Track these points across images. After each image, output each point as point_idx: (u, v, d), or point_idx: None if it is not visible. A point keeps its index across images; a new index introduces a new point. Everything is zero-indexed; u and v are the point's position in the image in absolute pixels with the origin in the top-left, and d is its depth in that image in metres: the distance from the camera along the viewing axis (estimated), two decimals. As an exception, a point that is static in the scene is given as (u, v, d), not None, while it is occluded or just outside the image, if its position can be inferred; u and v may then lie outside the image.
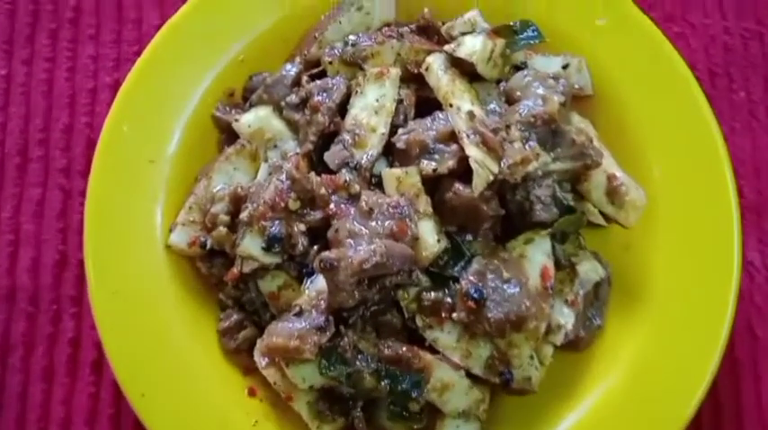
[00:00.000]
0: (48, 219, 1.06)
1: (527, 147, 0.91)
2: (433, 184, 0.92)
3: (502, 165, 0.89)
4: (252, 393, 0.94)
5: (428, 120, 0.93)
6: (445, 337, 0.90)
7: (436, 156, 0.91)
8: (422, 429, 0.92)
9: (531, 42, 0.99)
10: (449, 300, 0.90)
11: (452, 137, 0.91)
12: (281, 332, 0.85)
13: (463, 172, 0.89)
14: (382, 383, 0.87)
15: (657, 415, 0.92)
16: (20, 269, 1.05)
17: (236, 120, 0.98)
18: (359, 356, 0.87)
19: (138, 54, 1.10)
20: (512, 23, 0.99)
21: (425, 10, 1.02)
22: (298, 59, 1.00)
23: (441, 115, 0.93)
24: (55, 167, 1.08)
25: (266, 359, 0.88)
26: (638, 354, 0.95)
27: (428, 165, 0.90)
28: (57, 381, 1.00)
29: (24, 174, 1.08)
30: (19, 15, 1.14)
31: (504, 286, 0.88)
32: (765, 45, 1.16)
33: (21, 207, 1.07)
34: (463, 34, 0.99)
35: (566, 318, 0.93)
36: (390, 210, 0.88)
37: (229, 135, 1.00)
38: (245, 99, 1.02)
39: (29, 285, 1.04)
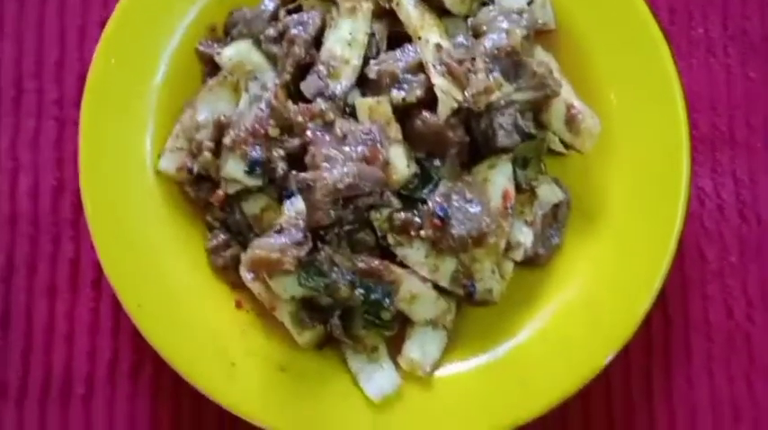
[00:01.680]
0: (43, 149, 1.13)
1: (491, 77, 0.98)
2: (403, 113, 0.99)
3: (466, 94, 0.96)
4: (239, 305, 1.03)
5: (398, 52, 1.00)
6: (414, 253, 0.99)
7: (405, 86, 0.98)
8: (393, 336, 1.02)
9: (498, -20, 1.06)
10: (417, 219, 0.99)
11: (421, 68, 0.98)
12: (264, 246, 0.93)
13: (431, 101, 0.97)
14: (356, 293, 0.97)
15: (609, 323, 1.02)
16: (20, 195, 1.12)
17: (218, 54, 1.04)
18: (335, 269, 0.96)
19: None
20: (479, -40, 1.05)
21: (396, -54, 1.08)
22: (276, -5, 1.07)
23: (410, 47, 1.00)
24: (49, 99, 1.15)
25: (251, 274, 0.97)
26: (593, 269, 1.05)
27: (398, 95, 0.98)
28: (59, 298, 1.10)
29: (19, 106, 1.15)
30: (7, -47, 1.19)
31: (467, 206, 0.97)
32: (725, -19, 1.22)
33: (18, 137, 1.14)
34: (433, -29, 1.05)
35: (525, 236, 1.02)
36: (363, 136, 0.96)
37: (212, 67, 1.07)
38: (227, 33, 1.08)
39: (29, 210, 1.12)
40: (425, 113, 0.97)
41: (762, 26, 1.21)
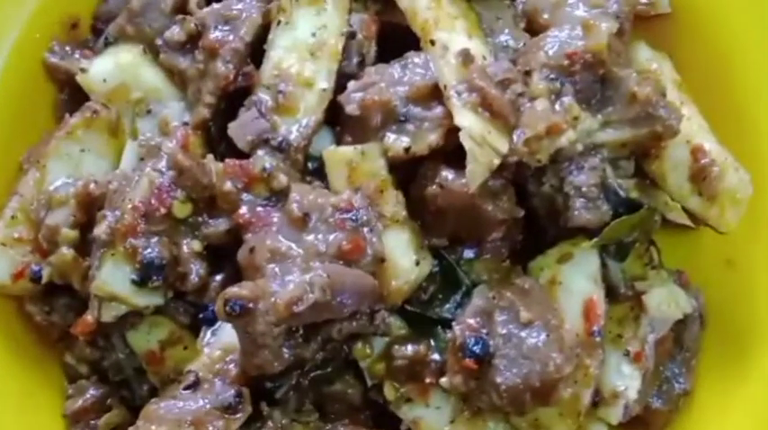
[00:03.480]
0: None
1: (558, 106, 1.05)
2: (406, 172, 1.07)
3: (515, 139, 1.04)
4: None
5: (396, 69, 1.07)
6: (432, 416, 1.06)
7: (410, 127, 1.06)
8: None
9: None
10: (436, 356, 1.06)
11: (436, 94, 1.06)
12: (165, 417, 0.99)
13: (453, 151, 1.04)
14: (329, 499, 1.04)
15: None
16: None
17: (83, 71, 1.12)
18: (291, 453, 1.04)
19: None
20: None
21: None
22: (182, -33, 1.16)
23: (417, 59, 1.08)
24: None
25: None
26: (749, 433, 1.13)
27: (398, 142, 1.05)
28: None
29: None
30: None
31: (522, 333, 1.04)
32: None
33: None
34: None
35: (626, 380, 1.09)
36: (338, 215, 1.03)
37: (72, 94, 1.15)
38: (97, 33, 1.17)
39: None
40: (446, 173, 1.05)
41: None
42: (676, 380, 1.16)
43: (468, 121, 1.03)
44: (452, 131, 1.04)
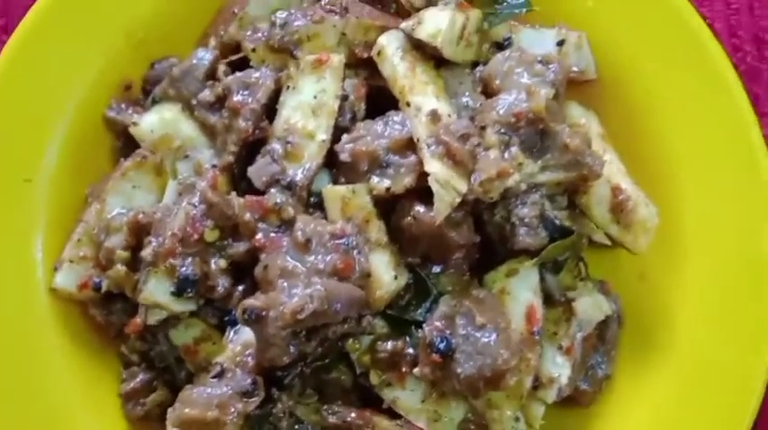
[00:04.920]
0: None
1: (506, 155, 1.05)
2: (387, 206, 1.07)
3: (473, 181, 1.03)
4: (164, 472, 1.10)
5: (380, 124, 1.08)
6: (407, 397, 1.06)
7: (390, 171, 1.06)
8: None
9: (517, 12, 1.14)
10: (410, 350, 1.06)
11: (411, 146, 1.06)
12: (197, 400, 1.00)
13: (424, 190, 1.04)
14: (327, 461, 1.04)
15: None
16: None
17: (135, 124, 1.12)
18: (297, 427, 1.03)
19: (5, 31, 1.25)
20: (491, -12, 1.14)
21: (377, -29, 1.17)
22: (212, 43, 1.15)
23: (396, 117, 1.08)
24: None
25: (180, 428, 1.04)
26: (656, 410, 1.12)
27: (381, 183, 1.05)
28: None
29: None
30: None
31: (478, 334, 1.04)
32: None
33: None
34: (428, 3, 1.14)
35: (559, 368, 1.09)
36: (333, 240, 1.03)
37: (126, 142, 1.14)
38: (146, 93, 1.16)
39: None
40: (418, 208, 1.05)
41: None
42: (599, 367, 1.15)
43: (435, 168, 1.03)
44: (423, 175, 1.04)
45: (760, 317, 1.11)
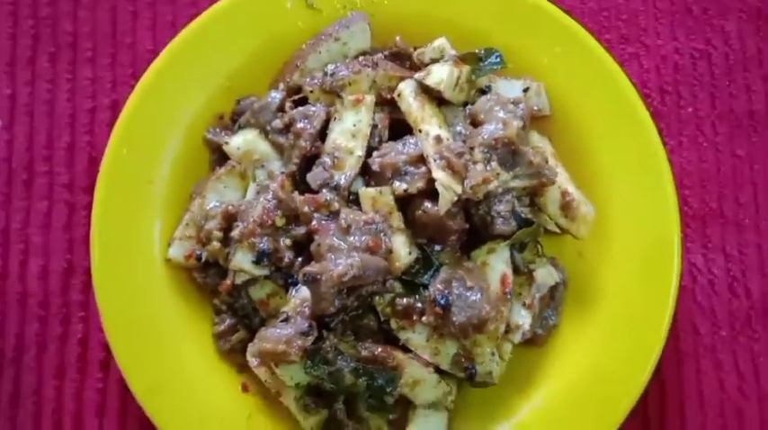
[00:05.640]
0: (54, 231, 1.17)
1: (488, 167, 1.02)
2: (405, 202, 1.03)
3: (465, 185, 1.00)
4: (245, 389, 1.06)
5: (400, 145, 1.04)
6: (416, 338, 1.02)
7: (407, 178, 1.02)
8: (396, 418, 1.05)
9: (495, 68, 1.10)
10: (419, 305, 1.02)
11: (422, 160, 1.02)
12: (270, 338, 0.96)
13: (431, 191, 1.01)
14: (360, 380, 1.00)
15: (607, 400, 1.05)
16: (30, 276, 1.15)
17: (227, 143, 1.08)
18: (339, 357, 0.99)
19: (133, 77, 1.21)
20: (477, 51, 1.09)
21: (397, 38, 1.12)
22: (281, 86, 1.11)
23: (411, 140, 1.04)
24: (59, 182, 1.18)
25: (257, 360, 1.00)
26: (590, 347, 1.08)
27: (400, 186, 1.02)
28: (68, 378, 1.12)
29: (31, 189, 1.18)
30: (19, 38, 1.23)
31: (468, 293, 1.01)
32: (713, 64, 1.26)
33: (29, 219, 1.17)
34: (433, 61, 1.10)
35: (523, 318, 1.06)
36: (366, 226, 1.00)
37: (220, 156, 1.11)
38: (234, 121, 1.12)
39: (39, 291, 1.15)
40: (427, 203, 1.01)
41: (748, 103, 1.26)
42: (550, 318, 1.11)
43: (440, 176, 0.99)
44: (431, 181, 1.00)
45: (665, 279, 1.07)
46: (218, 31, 1.11)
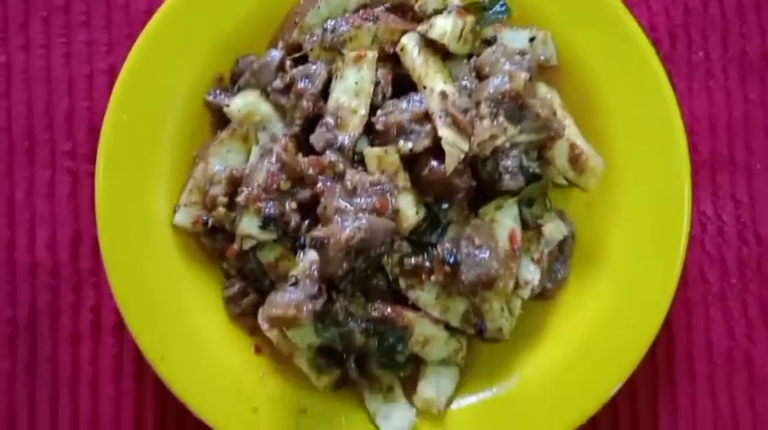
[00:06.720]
0: (59, 199, 1.15)
1: (495, 122, 0.98)
2: (410, 161, 1.01)
3: (472, 142, 0.97)
4: (258, 350, 1.06)
5: (404, 102, 1.00)
6: (425, 296, 1.01)
7: (412, 136, 0.99)
8: (408, 376, 1.05)
9: (500, 17, 1.05)
10: (428, 263, 1.01)
11: (427, 117, 0.99)
12: (280, 303, 0.95)
13: (437, 149, 0.98)
14: (371, 340, 0.99)
15: (617, 353, 1.05)
16: (38, 246, 1.14)
17: (227, 106, 1.05)
18: (349, 318, 0.98)
19: (129, 38, 1.17)
20: (481, 0, 1.05)
21: (399, -12, 1.08)
22: (280, 44, 1.07)
23: (416, 97, 1.00)
24: (61, 150, 1.16)
25: (268, 324, 0.99)
26: (600, 300, 1.07)
27: (405, 145, 0.99)
28: (83, 345, 1.12)
29: (33, 158, 1.16)
30: (10, 2, 1.18)
31: (476, 251, 0.99)
32: (724, 5, 1.21)
33: (33, 189, 1.15)
34: (435, 11, 1.05)
35: (532, 274, 1.04)
36: (372, 186, 0.97)
37: (221, 118, 1.07)
38: (234, 82, 1.09)
39: (48, 260, 1.14)
40: (433, 162, 0.99)
41: (762, 45, 1.21)
42: (559, 272, 1.09)
43: (445, 133, 0.96)
44: (436, 138, 0.97)
45: (675, 229, 1.05)
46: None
